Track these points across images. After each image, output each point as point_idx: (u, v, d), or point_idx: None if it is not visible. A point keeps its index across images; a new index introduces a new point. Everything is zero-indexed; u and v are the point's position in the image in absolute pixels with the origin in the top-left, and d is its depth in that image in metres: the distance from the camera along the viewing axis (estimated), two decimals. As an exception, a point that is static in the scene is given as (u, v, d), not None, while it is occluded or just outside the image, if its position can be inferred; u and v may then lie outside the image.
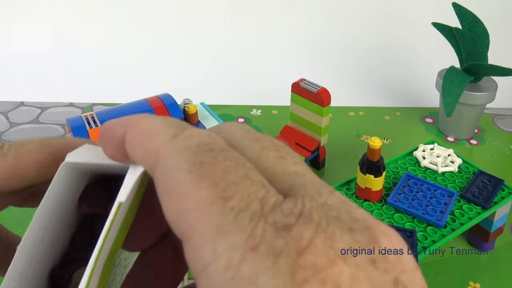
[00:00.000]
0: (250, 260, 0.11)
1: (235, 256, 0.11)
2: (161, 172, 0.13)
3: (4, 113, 0.80)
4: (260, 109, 0.83)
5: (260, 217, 0.12)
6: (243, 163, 0.13)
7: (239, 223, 0.12)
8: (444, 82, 0.69)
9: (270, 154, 0.14)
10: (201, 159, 0.13)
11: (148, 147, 0.14)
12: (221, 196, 0.12)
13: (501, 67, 0.66)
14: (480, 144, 0.76)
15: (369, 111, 0.84)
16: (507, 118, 0.83)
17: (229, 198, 0.12)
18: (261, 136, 0.15)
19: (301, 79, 0.65)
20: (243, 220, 0.12)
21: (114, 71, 0.92)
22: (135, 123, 0.15)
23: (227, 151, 0.13)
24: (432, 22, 0.72)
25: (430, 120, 0.82)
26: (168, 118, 0.15)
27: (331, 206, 0.13)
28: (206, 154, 0.13)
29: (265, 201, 0.12)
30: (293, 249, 0.11)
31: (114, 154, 0.16)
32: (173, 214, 0.13)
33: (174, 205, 0.13)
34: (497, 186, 0.55)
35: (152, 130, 0.14)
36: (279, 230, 0.11)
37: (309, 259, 0.11)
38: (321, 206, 0.12)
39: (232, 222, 0.12)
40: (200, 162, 0.13)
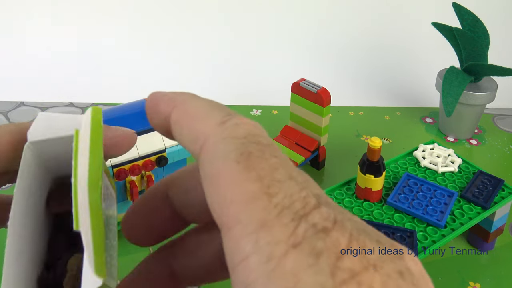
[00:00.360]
0: (292, 256, 0.11)
1: (278, 250, 0.11)
2: (208, 159, 0.13)
3: (4, 113, 0.80)
4: (260, 109, 0.83)
5: (302, 216, 0.12)
6: (287, 161, 0.14)
7: (282, 220, 0.12)
8: (444, 82, 0.69)
9: None
10: (250, 150, 0.13)
11: (196, 130, 0.14)
12: (266, 192, 0.12)
13: (501, 67, 0.66)
14: (480, 144, 0.76)
15: (369, 111, 0.84)
16: (507, 118, 0.83)
17: (274, 194, 0.12)
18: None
19: (301, 79, 0.65)
20: (286, 218, 0.12)
21: (114, 71, 0.92)
22: (182, 103, 0.15)
23: (272, 147, 0.14)
24: (432, 22, 0.72)
25: (430, 120, 0.82)
26: (213, 102, 0.15)
27: (356, 220, 0.13)
28: (254, 146, 0.13)
29: (306, 202, 0.12)
30: (332, 252, 0.12)
31: (159, 127, 0.16)
32: (217, 202, 0.13)
33: (219, 194, 0.13)
34: (497, 186, 0.55)
35: (200, 113, 0.14)
36: (319, 232, 0.12)
37: (346, 263, 0.12)
38: (349, 218, 0.13)
39: (275, 218, 0.12)
40: (248, 153, 0.13)
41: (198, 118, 0.14)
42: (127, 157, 0.49)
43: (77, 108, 0.82)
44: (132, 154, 0.49)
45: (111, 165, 0.48)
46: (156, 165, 0.51)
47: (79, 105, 0.83)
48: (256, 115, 0.81)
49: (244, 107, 0.83)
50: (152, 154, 0.51)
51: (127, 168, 0.50)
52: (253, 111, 0.82)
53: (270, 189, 0.12)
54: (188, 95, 0.15)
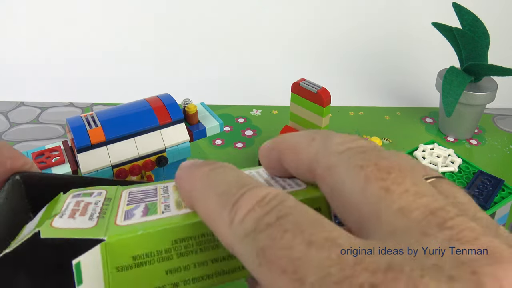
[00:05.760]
0: None
1: None
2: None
3: (4, 113, 0.80)
4: (260, 109, 0.83)
5: (341, 283, 0.11)
6: (300, 225, 0.12)
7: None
8: (444, 82, 0.69)
9: (374, 186, 0.13)
10: (261, 246, 0.12)
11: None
12: (295, 279, 0.11)
13: (501, 67, 0.66)
14: (480, 144, 0.76)
15: (369, 111, 0.84)
16: (507, 118, 0.83)
17: (303, 278, 0.11)
18: (367, 161, 0.14)
19: (301, 79, 0.65)
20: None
21: (114, 71, 0.92)
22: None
23: (285, 217, 0.13)
24: (432, 22, 0.72)
25: (430, 120, 0.82)
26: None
27: (433, 251, 0.12)
28: (264, 234, 0.13)
29: (343, 262, 0.11)
30: None
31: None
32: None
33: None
34: (497, 186, 0.55)
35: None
36: None
37: None
38: (418, 255, 0.11)
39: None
40: (260, 248, 0.12)
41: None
42: (127, 157, 0.49)
43: (77, 108, 0.82)
44: (132, 154, 0.49)
45: (111, 165, 0.48)
46: (156, 165, 0.51)
47: (79, 105, 0.83)
48: (256, 115, 0.81)
49: (244, 107, 0.83)
50: (152, 154, 0.51)
51: (127, 168, 0.50)
52: (253, 111, 0.82)
53: (297, 274, 0.11)
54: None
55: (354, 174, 0.14)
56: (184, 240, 0.17)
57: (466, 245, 0.12)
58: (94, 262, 0.16)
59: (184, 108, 0.55)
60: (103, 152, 0.48)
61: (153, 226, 0.17)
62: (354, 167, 0.14)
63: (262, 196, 0.14)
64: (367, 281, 0.11)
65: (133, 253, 0.16)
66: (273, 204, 0.13)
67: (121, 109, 0.51)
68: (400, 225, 0.12)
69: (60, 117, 0.79)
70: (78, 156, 0.47)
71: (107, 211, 0.19)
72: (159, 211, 0.18)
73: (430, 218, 0.12)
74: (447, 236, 0.12)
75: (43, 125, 0.77)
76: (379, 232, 0.13)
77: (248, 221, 0.13)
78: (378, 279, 0.11)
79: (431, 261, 0.11)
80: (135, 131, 0.50)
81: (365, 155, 0.14)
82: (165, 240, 0.17)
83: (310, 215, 0.13)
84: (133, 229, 0.17)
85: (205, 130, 0.55)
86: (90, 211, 0.18)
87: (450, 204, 0.13)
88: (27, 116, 0.79)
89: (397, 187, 0.13)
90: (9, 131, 0.75)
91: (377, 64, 0.97)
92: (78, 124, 0.48)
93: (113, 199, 0.20)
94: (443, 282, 0.11)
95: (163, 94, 0.54)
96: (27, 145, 0.72)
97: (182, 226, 0.17)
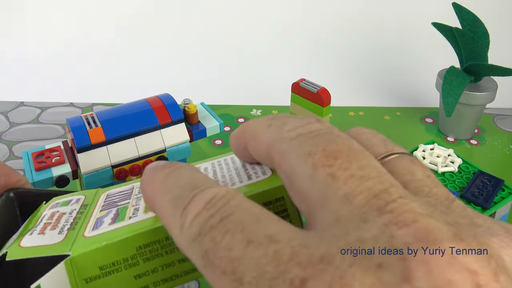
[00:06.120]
0: None
1: None
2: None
3: (4, 113, 0.80)
4: (260, 109, 0.83)
5: (275, 279, 0.11)
6: (241, 224, 0.12)
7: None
8: (444, 82, 0.69)
9: (320, 173, 0.13)
10: (205, 249, 0.13)
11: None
12: (234, 279, 0.11)
13: (501, 67, 0.66)
14: (480, 144, 0.76)
15: (369, 111, 0.84)
16: (507, 118, 0.83)
17: (241, 277, 0.11)
18: (315, 147, 0.14)
19: (301, 79, 0.65)
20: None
21: (114, 71, 0.92)
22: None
23: (228, 217, 0.13)
24: (432, 22, 0.72)
25: (430, 120, 0.82)
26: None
27: (367, 238, 0.11)
28: (208, 237, 0.13)
29: (278, 259, 0.11)
30: None
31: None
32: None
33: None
34: (497, 186, 0.55)
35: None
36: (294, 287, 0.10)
37: None
38: (352, 243, 0.11)
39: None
40: (204, 251, 0.13)
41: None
42: (127, 157, 0.49)
43: (77, 108, 0.82)
44: (132, 154, 0.49)
45: (111, 165, 0.48)
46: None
47: (79, 105, 0.83)
48: (256, 115, 0.81)
49: (244, 107, 0.83)
50: (152, 154, 0.51)
51: (127, 168, 0.50)
52: (253, 111, 0.82)
53: (236, 275, 0.12)
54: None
55: (303, 161, 0.14)
56: (148, 245, 0.17)
57: (402, 229, 0.11)
58: (59, 279, 0.16)
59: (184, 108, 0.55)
60: (103, 152, 0.48)
61: (118, 235, 0.17)
62: (304, 154, 0.14)
63: (210, 198, 0.14)
64: (298, 275, 0.11)
65: (99, 264, 0.17)
66: (219, 206, 0.13)
67: (121, 109, 0.51)
68: (344, 212, 0.12)
69: (60, 117, 0.79)
70: (78, 156, 0.47)
71: (80, 220, 0.19)
72: (127, 216, 0.18)
73: (372, 202, 0.12)
74: (385, 221, 0.11)
75: (43, 125, 0.77)
76: (325, 221, 0.13)
77: (195, 225, 0.13)
78: (307, 273, 0.10)
79: (364, 249, 0.11)
80: (135, 131, 0.50)
81: (314, 140, 0.14)
82: (130, 247, 0.17)
83: (253, 213, 0.13)
84: (98, 240, 0.17)
85: (205, 130, 0.55)
86: (63, 223, 0.19)
87: (396, 185, 0.13)
88: (27, 116, 0.79)
89: (342, 173, 0.13)
90: (9, 131, 0.75)
91: (377, 64, 0.97)
92: (78, 124, 0.48)
93: (90, 205, 0.21)
94: (370, 271, 0.10)
95: (163, 94, 0.54)
96: (27, 145, 0.72)
97: (146, 232, 0.17)
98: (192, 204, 0.14)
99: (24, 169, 0.52)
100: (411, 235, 0.11)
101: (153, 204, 0.16)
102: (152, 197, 0.16)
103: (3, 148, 0.71)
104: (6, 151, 0.70)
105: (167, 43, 0.98)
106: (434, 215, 0.12)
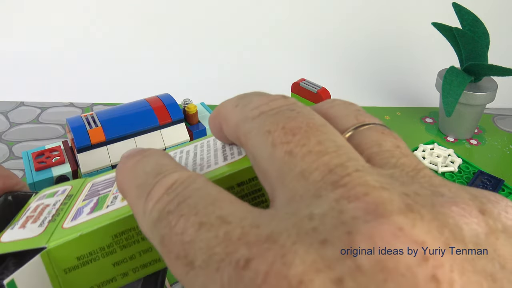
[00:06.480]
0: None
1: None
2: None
3: (4, 113, 0.80)
4: (260, 109, 0.83)
5: (223, 260, 0.11)
6: (196, 207, 0.12)
7: (209, 275, 0.11)
8: (444, 82, 0.69)
9: (279, 151, 0.13)
10: (162, 234, 0.12)
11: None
12: (186, 263, 0.11)
13: (501, 67, 0.66)
14: (480, 144, 0.76)
15: (369, 111, 0.84)
16: (507, 118, 0.83)
17: (193, 261, 0.11)
18: (275, 125, 0.14)
19: (301, 79, 0.65)
20: (212, 271, 0.11)
21: (114, 71, 0.92)
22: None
23: (185, 201, 0.13)
24: (432, 22, 0.72)
25: (430, 120, 0.82)
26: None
27: (316, 214, 0.11)
28: (164, 222, 0.13)
29: (228, 239, 0.11)
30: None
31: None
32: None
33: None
34: (497, 186, 0.55)
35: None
36: (240, 270, 0.10)
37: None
38: (300, 220, 0.11)
39: (202, 280, 0.11)
40: (161, 236, 0.12)
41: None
42: (127, 157, 0.49)
43: (77, 108, 0.82)
44: (132, 154, 0.49)
45: (111, 165, 0.48)
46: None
47: (79, 105, 0.83)
48: (256, 115, 0.81)
49: (244, 107, 0.83)
50: (152, 154, 0.51)
51: (127, 168, 0.49)
52: (253, 111, 0.82)
53: (188, 258, 0.12)
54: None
55: (263, 140, 0.13)
56: (124, 233, 0.17)
57: (352, 202, 0.11)
58: (35, 272, 0.16)
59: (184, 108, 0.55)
60: (103, 152, 0.48)
61: (93, 224, 0.17)
62: (264, 133, 0.14)
63: (171, 183, 0.14)
64: (244, 255, 0.10)
65: (77, 254, 0.17)
66: (179, 190, 0.13)
67: (121, 109, 0.51)
68: (299, 189, 0.12)
69: (60, 117, 0.79)
70: (78, 156, 0.47)
71: (62, 211, 0.19)
72: (105, 205, 0.18)
73: (327, 177, 0.12)
74: (337, 195, 0.11)
75: (43, 125, 0.77)
76: (281, 199, 0.12)
77: (155, 211, 0.13)
78: (252, 252, 0.10)
79: (311, 226, 0.11)
80: (135, 131, 0.50)
81: (275, 118, 0.14)
82: (105, 236, 0.17)
83: (210, 195, 0.13)
84: (74, 231, 0.17)
85: (205, 130, 0.55)
86: (45, 215, 0.19)
87: (355, 158, 0.12)
88: (27, 116, 0.79)
89: (300, 149, 0.13)
90: (9, 131, 0.75)
91: (377, 64, 0.97)
92: (78, 124, 0.48)
93: (74, 196, 0.21)
94: (313, 248, 0.10)
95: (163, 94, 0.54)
96: (27, 145, 0.72)
97: (120, 220, 0.17)
98: (154, 190, 0.14)
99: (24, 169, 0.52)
100: (361, 208, 0.10)
101: (123, 192, 0.16)
102: (122, 184, 0.16)
103: (3, 148, 0.71)
104: (6, 151, 0.70)
105: (167, 43, 0.98)
106: (389, 187, 0.11)
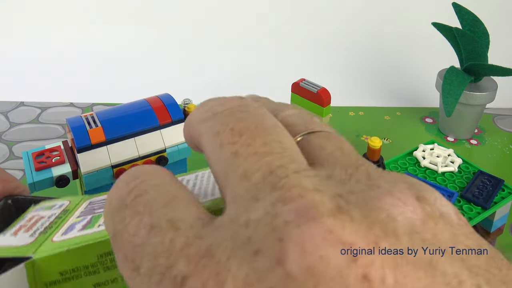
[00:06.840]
0: None
1: None
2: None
3: (4, 113, 0.80)
4: (260, 109, 0.83)
5: (163, 274, 0.10)
6: (151, 206, 0.12)
7: (152, 287, 0.10)
8: (444, 82, 0.69)
9: (226, 152, 0.12)
10: (115, 230, 0.12)
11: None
12: (133, 268, 0.11)
13: (501, 67, 0.66)
14: (480, 144, 0.76)
15: (369, 111, 0.84)
16: (507, 118, 0.83)
17: (139, 266, 0.11)
18: (224, 126, 0.13)
19: (301, 79, 0.65)
20: (154, 284, 0.10)
21: (114, 71, 0.92)
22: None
23: (141, 196, 0.12)
24: (432, 22, 0.72)
25: (430, 120, 0.82)
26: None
27: (252, 221, 0.10)
28: (119, 217, 0.12)
29: (171, 248, 0.10)
30: None
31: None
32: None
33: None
34: (497, 186, 0.55)
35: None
36: (177, 286, 0.10)
37: None
38: (238, 228, 0.10)
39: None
40: (113, 233, 0.12)
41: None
42: (127, 157, 0.49)
43: (77, 108, 0.82)
44: (132, 154, 0.49)
45: (111, 165, 0.48)
46: (156, 165, 0.51)
47: (79, 105, 0.83)
48: (256, 115, 0.81)
49: (244, 107, 0.83)
50: (152, 154, 0.51)
51: (127, 168, 0.50)
52: (253, 111, 0.82)
53: (135, 263, 0.11)
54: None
55: (212, 142, 0.13)
56: (109, 253, 0.17)
57: (288, 205, 0.10)
58: (17, 281, 0.16)
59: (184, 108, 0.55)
60: (103, 152, 0.48)
61: (81, 241, 0.17)
62: (213, 134, 0.13)
63: (133, 174, 0.13)
64: (181, 272, 0.10)
65: (60, 269, 0.17)
66: (137, 183, 0.13)
67: (121, 109, 0.51)
68: (240, 190, 0.11)
69: (60, 117, 0.79)
70: (78, 156, 0.47)
71: (55, 224, 0.19)
72: (97, 224, 0.18)
73: (268, 179, 0.11)
74: (274, 198, 0.10)
75: (43, 125, 0.77)
76: (228, 201, 0.12)
77: (115, 199, 0.13)
78: (189, 269, 0.10)
79: (246, 235, 0.10)
80: (135, 131, 0.50)
81: (226, 119, 0.13)
82: (91, 255, 0.17)
83: (169, 194, 0.12)
84: (62, 245, 0.17)
85: (205, 130, 0.55)
86: (37, 226, 0.19)
87: (298, 161, 0.12)
88: (27, 116, 0.79)
89: (245, 150, 0.12)
90: (9, 131, 0.75)
91: (377, 64, 0.97)
92: (78, 124, 0.48)
93: (70, 211, 0.21)
94: (245, 261, 0.09)
95: (163, 94, 0.54)
96: (27, 145, 0.72)
97: (107, 240, 0.17)
98: (120, 179, 0.13)
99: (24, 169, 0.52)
100: (294, 210, 0.10)
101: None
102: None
103: (3, 148, 0.71)
104: (6, 151, 0.70)
105: (167, 43, 0.98)
106: (323, 189, 0.11)
